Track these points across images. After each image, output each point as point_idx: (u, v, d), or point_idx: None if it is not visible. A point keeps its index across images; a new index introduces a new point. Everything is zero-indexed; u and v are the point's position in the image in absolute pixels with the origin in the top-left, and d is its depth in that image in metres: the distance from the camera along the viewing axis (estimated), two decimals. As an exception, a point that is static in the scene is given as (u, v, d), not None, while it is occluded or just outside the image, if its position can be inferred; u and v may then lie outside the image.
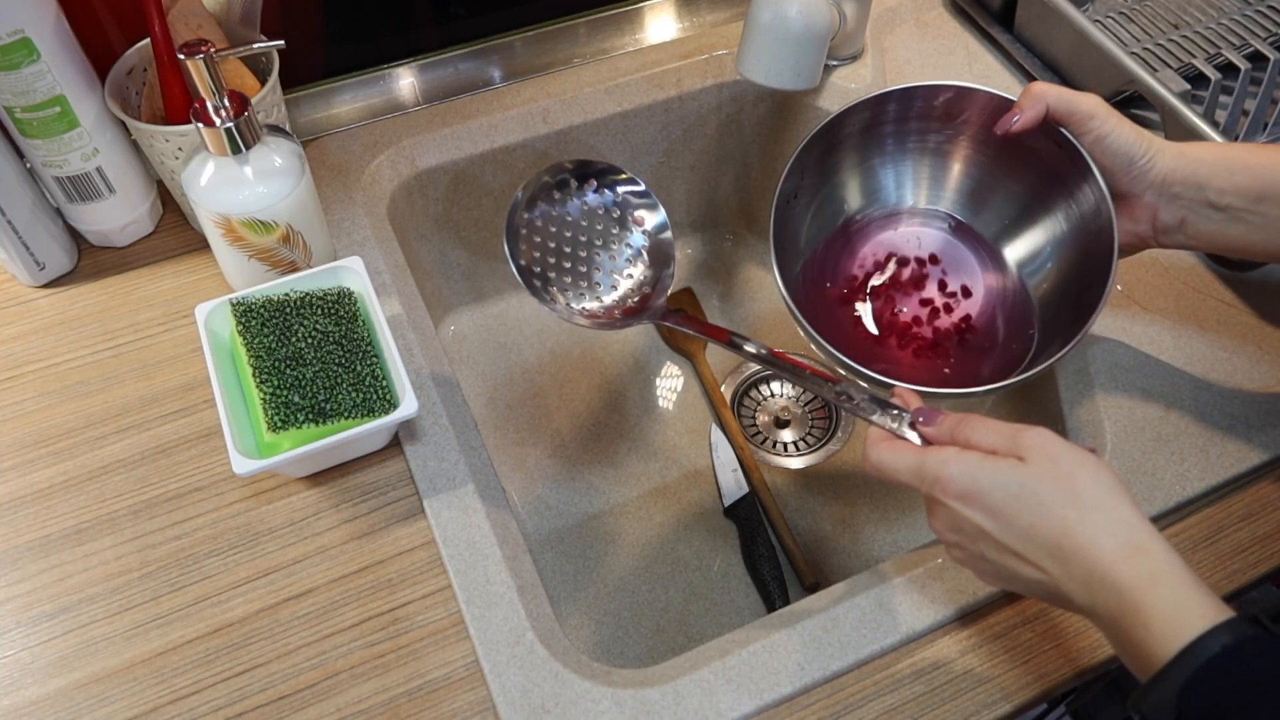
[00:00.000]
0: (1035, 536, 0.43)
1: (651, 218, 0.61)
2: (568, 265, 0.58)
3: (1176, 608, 0.39)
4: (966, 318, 0.63)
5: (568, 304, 0.57)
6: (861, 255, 0.66)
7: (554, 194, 0.59)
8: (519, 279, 0.55)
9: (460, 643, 0.51)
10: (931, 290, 0.65)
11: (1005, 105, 0.57)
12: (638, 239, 0.60)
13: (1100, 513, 0.42)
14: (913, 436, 0.48)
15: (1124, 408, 0.60)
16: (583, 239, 0.59)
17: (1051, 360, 0.53)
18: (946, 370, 0.62)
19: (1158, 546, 0.41)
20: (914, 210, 0.66)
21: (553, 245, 0.58)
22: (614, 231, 0.60)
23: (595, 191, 0.60)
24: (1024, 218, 0.62)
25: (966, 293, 0.64)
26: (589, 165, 0.60)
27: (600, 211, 0.60)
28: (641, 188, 0.61)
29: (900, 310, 0.64)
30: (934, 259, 0.65)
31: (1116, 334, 0.64)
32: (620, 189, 0.60)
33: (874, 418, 0.49)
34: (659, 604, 0.71)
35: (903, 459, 0.46)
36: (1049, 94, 0.54)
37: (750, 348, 0.54)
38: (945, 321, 0.64)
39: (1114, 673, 0.60)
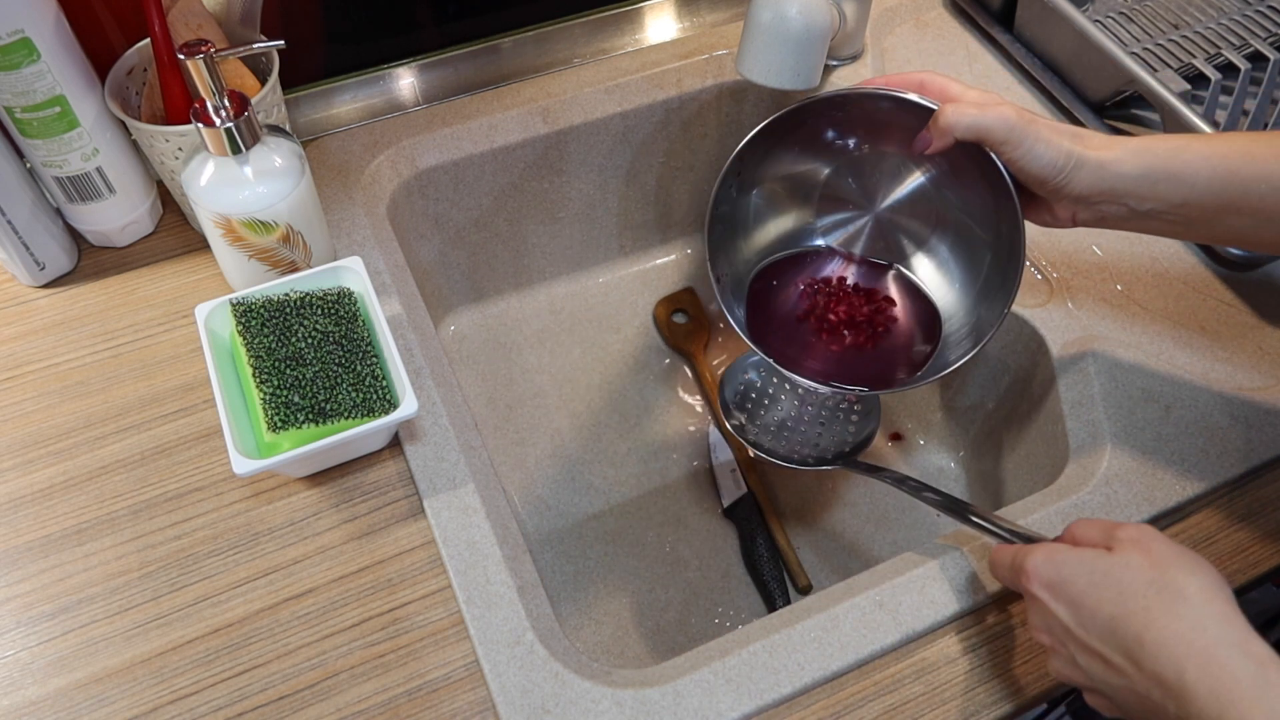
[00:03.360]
0: (1116, 632, 0.39)
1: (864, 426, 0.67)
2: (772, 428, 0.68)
3: None
4: (887, 320, 0.65)
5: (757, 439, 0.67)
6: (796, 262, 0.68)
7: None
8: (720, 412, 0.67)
9: (460, 643, 0.51)
10: (857, 296, 0.66)
11: (928, 115, 0.55)
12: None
13: (1190, 606, 0.38)
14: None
15: (1124, 408, 0.60)
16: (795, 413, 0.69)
17: (956, 364, 0.58)
18: (866, 368, 0.64)
19: (1264, 650, 0.37)
20: (842, 215, 0.66)
21: (763, 413, 0.69)
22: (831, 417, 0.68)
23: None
24: (943, 224, 0.63)
25: (888, 300, 0.65)
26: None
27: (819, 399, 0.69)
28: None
29: (826, 307, 0.66)
30: (863, 266, 0.67)
31: (1116, 334, 0.64)
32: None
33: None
34: (659, 604, 0.71)
35: (1003, 554, 0.48)
36: (957, 127, 0.51)
37: (932, 495, 0.56)
38: (869, 321, 0.65)
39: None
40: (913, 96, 0.54)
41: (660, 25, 0.84)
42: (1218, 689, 0.36)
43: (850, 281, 0.66)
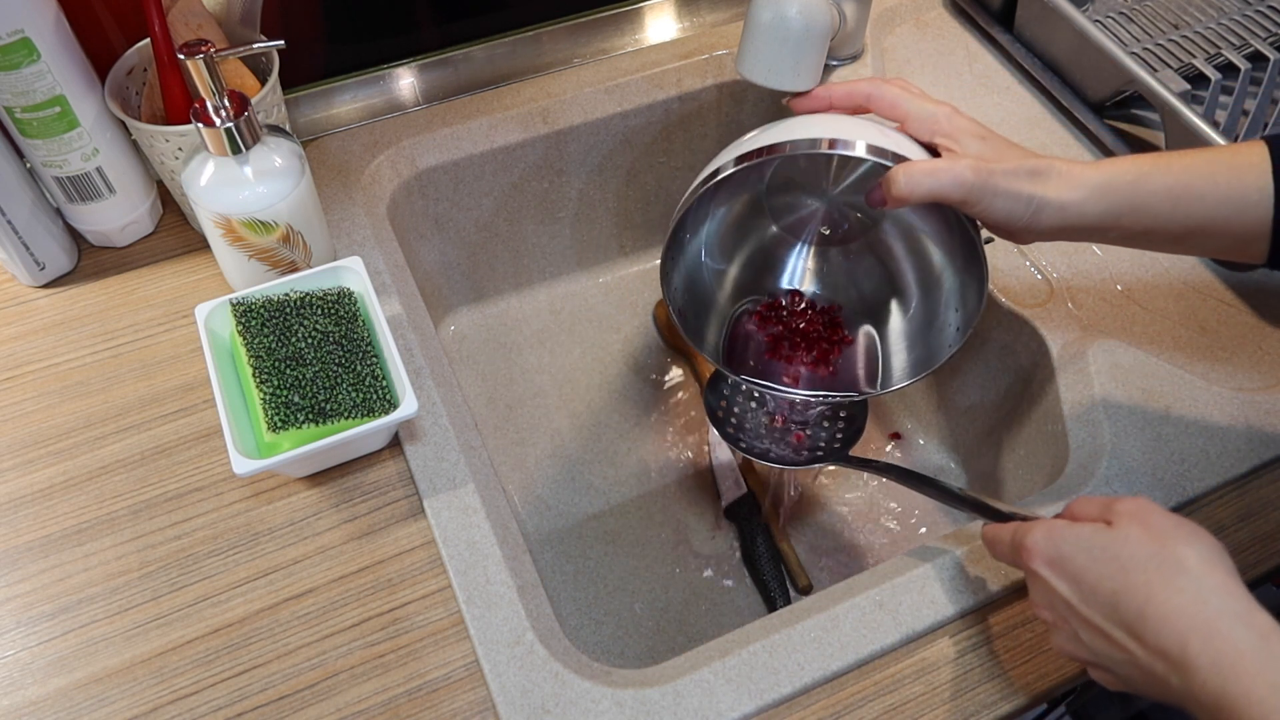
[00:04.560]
0: (1118, 607, 0.39)
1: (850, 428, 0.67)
2: (761, 430, 0.67)
3: None
4: (841, 340, 0.66)
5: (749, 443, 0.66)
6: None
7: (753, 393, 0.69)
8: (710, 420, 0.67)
9: (460, 643, 0.51)
10: (815, 314, 0.67)
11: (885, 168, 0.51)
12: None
13: (1190, 578, 0.38)
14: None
15: (1124, 408, 0.59)
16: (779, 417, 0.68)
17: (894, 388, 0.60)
18: (836, 374, 0.65)
19: (1266, 621, 0.37)
20: (799, 211, 0.66)
21: (749, 416, 0.68)
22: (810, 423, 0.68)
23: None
24: (909, 258, 0.63)
25: (842, 332, 0.66)
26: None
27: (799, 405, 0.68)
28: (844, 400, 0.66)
29: (786, 331, 0.67)
30: (825, 300, 0.68)
31: (1116, 334, 0.64)
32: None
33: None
34: (659, 604, 0.71)
35: (1002, 532, 0.47)
36: (912, 197, 0.48)
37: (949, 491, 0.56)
38: (825, 346, 0.66)
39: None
40: (859, 151, 0.50)
41: (660, 25, 0.84)
42: (1220, 662, 0.37)
43: (807, 297, 0.67)
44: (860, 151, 0.50)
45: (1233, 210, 0.47)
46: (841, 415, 0.67)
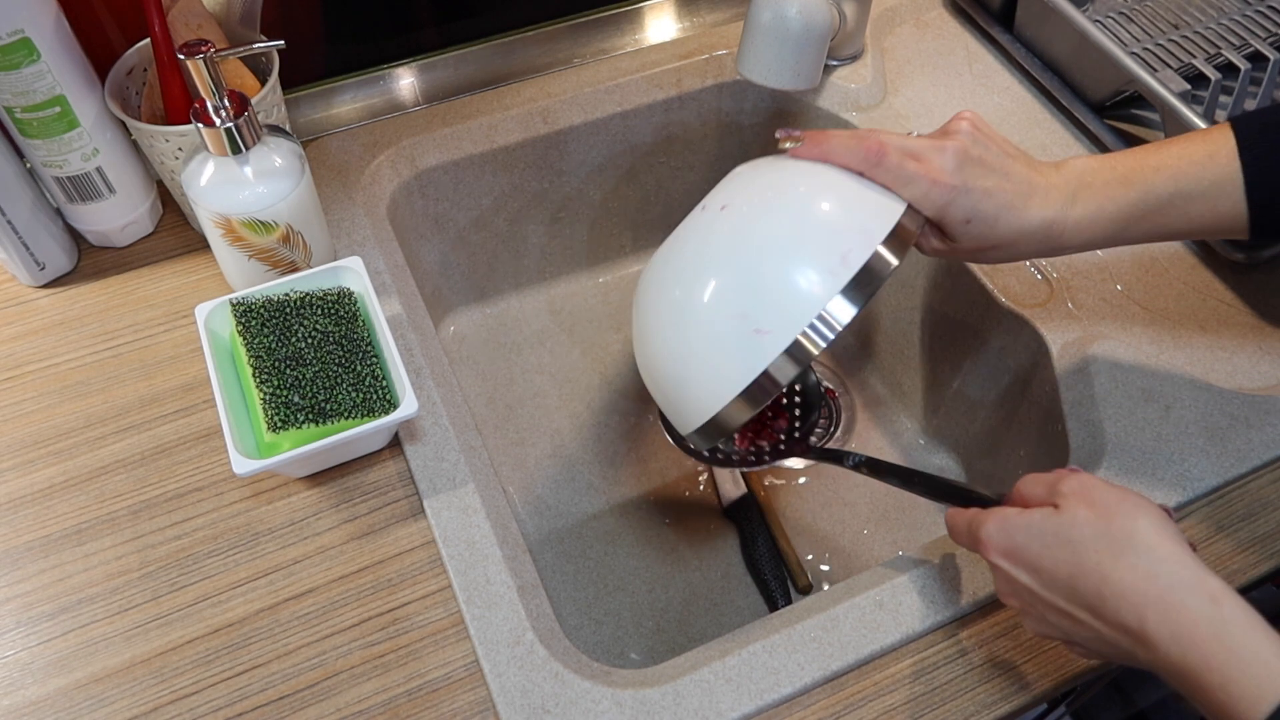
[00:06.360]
0: (1076, 590, 0.41)
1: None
2: None
3: (1255, 664, 0.37)
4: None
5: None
6: None
7: None
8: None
9: (460, 643, 0.51)
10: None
11: None
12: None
13: (1140, 554, 0.40)
14: None
15: (1124, 408, 0.60)
16: None
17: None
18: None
19: (1216, 585, 0.39)
20: None
21: None
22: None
23: None
24: None
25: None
26: None
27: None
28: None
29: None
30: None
31: (1116, 334, 0.64)
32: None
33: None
34: (659, 604, 0.71)
35: (959, 520, 0.48)
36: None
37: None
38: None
39: (1114, 672, 0.60)
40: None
41: (660, 25, 0.84)
42: (1178, 633, 0.38)
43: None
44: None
45: (1212, 230, 0.50)
46: (797, 402, 0.67)
